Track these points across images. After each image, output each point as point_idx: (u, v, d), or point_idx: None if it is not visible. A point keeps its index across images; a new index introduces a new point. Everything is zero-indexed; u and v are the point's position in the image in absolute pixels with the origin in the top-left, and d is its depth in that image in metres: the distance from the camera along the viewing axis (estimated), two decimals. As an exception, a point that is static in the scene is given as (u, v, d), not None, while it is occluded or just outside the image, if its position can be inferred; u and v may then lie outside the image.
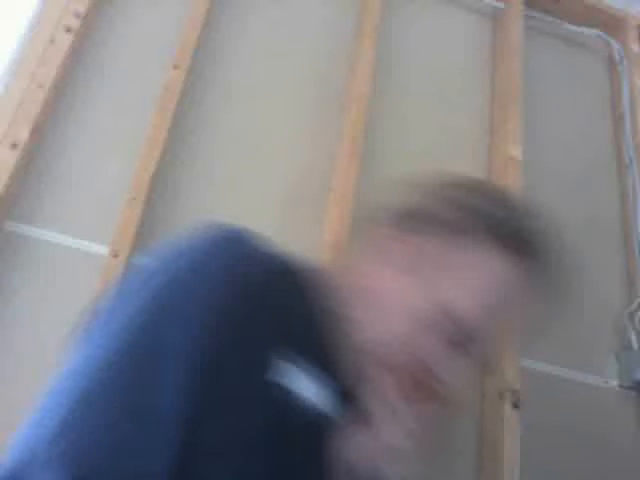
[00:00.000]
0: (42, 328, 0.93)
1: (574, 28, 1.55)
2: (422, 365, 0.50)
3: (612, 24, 1.57)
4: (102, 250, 0.99)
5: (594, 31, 1.57)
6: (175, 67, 1.12)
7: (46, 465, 0.36)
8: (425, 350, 0.50)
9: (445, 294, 0.51)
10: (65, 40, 1.06)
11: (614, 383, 1.20)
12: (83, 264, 0.98)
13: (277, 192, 1.15)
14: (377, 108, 1.25)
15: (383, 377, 0.51)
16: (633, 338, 1.22)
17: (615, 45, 1.56)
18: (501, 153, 1.29)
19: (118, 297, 0.47)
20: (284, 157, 1.18)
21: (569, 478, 1.09)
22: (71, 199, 1.02)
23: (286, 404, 0.43)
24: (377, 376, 0.51)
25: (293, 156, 1.18)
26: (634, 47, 1.53)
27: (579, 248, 1.32)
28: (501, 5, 1.48)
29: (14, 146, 0.96)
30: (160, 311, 0.43)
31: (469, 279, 0.52)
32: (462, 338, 0.51)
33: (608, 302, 1.28)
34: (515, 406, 1.03)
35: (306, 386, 0.45)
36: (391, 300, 0.53)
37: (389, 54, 1.34)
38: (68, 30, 1.07)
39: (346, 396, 0.51)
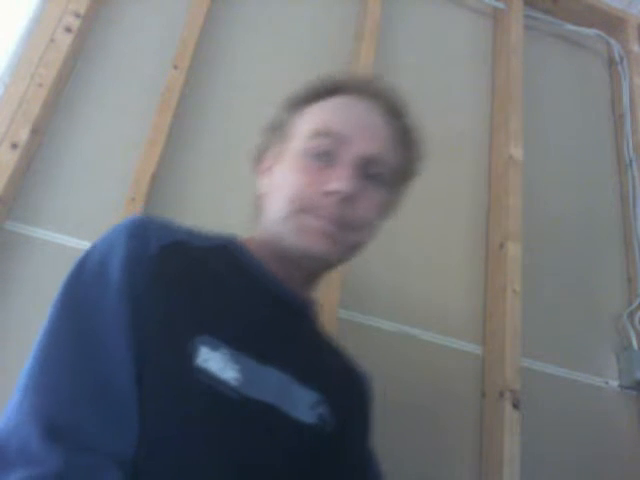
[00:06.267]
0: (42, 328, 0.93)
1: (574, 28, 1.56)
2: (334, 196, 0.60)
3: (612, 24, 1.57)
4: (102, 250, 0.99)
5: (594, 31, 1.57)
6: (175, 67, 1.12)
7: (19, 426, 0.43)
8: (328, 183, 0.60)
9: (311, 125, 0.66)
10: (65, 40, 1.06)
11: (614, 383, 1.20)
12: (83, 264, 0.98)
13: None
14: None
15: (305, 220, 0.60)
16: (633, 338, 1.22)
17: (615, 45, 1.56)
18: (501, 153, 1.29)
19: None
20: (284, 157, 1.18)
21: (569, 478, 1.09)
22: (71, 199, 1.02)
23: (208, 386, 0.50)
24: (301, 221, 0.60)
25: (293, 156, 1.18)
26: (634, 47, 1.53)
27: (579, 248, 1.32)
28: (501, 5, 1.48)
29: (14, 146, 0.96)
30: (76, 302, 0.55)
31: (321, 111, 0.68)
32: (345, 149, 0.63)
33: (608, 302, 1.28)
34: (515, 406, 1.03)
35: (222, 368, 0.52)
36: (279, 179, 0.65)
37: (389, 54, 1.34)
38: (68, 30, 1.07)
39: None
